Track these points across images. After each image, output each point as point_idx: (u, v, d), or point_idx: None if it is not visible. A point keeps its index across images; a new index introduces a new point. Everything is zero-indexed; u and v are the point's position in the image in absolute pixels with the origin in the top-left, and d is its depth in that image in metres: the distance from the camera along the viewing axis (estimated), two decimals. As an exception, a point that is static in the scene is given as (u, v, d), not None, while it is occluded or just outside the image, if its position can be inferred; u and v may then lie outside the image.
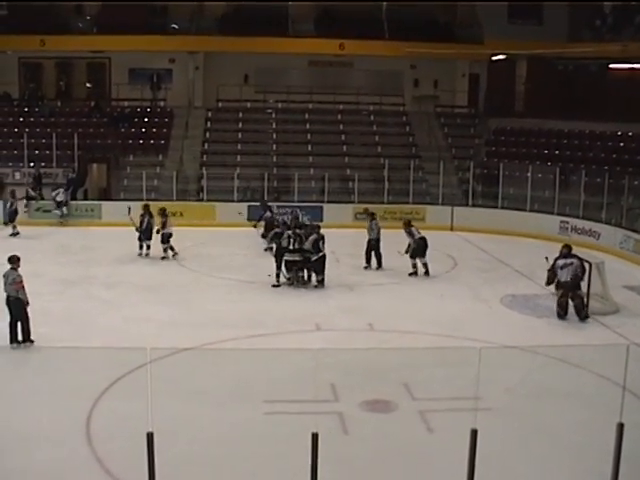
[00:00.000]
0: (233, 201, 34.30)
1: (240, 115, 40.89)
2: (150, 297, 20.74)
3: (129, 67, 42.89)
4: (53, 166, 36.19)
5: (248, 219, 32.72)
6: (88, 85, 45.55)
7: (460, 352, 14.06)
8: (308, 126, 40.28)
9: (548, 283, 19.47)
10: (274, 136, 39.63)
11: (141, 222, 26.01)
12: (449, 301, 20.62)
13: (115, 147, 37.77)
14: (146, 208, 26.54)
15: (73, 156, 36.49)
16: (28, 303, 16.00)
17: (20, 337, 15.89)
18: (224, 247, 27.86)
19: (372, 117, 41.16)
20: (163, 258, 25.13)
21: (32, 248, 26.12)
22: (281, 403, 12.81)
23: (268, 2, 39.77)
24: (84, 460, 10.82)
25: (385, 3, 41.25)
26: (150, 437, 8.43)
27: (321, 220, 32.38)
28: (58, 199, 32.31)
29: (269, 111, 41.33)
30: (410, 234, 24.35)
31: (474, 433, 8.63)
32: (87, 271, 23.12)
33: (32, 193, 33.18)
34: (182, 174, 36.24)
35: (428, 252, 24.07)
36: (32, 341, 15.92)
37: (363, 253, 25.11)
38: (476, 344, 14.92)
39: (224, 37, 39.94)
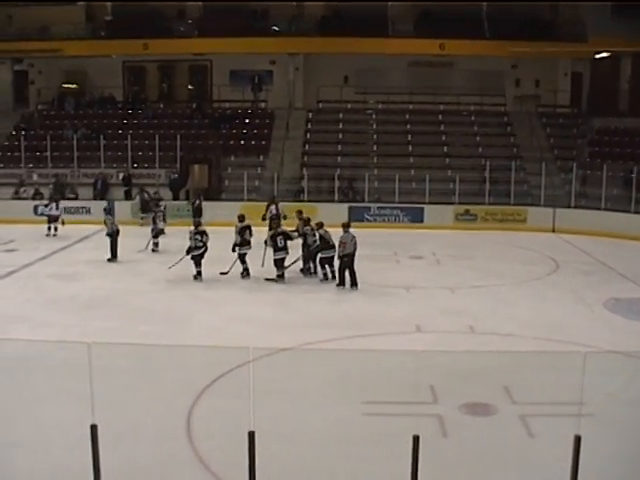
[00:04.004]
0: (334, 201, 34.42)
1: (340, 116, 41.00)
2: (249, 297, 20.93)
3: (230, 69, 43.48)
4: (156, 167, 36.85)
5: (349, 219, 32.85)
6: (190, 87, 46.33)
7: (562, 356, 13.84)
8: (408, 127, 40.16)
9: None
10: (374, 137, 39.66)
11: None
12: (550, 304, 20.31)
13: (216, 148, 38.23)
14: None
15: (175, 157, 37.14)
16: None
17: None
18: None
19: (473, 117, 40.85)
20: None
21: (133, 247, 26.58)
22: (380, 404, 12.77)
23: (368, 1, 39.73)
24: (185, 458, 10.93)
25: (485, 2, 40.87)
26: (251, 436, 8.49)
27: (422, 221, 32.44)
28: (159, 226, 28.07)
29: (369, 112, 41.34)
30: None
31: (577, 439, 8.47)
32: (188, 270, 23.39)
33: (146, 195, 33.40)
34: (283, 175, 36.47)
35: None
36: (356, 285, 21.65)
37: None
38: (578, 348, 14.71)
39: (324, 38, 40.06)
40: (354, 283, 21.94)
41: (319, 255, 22.91)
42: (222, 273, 22.94)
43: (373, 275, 23.48)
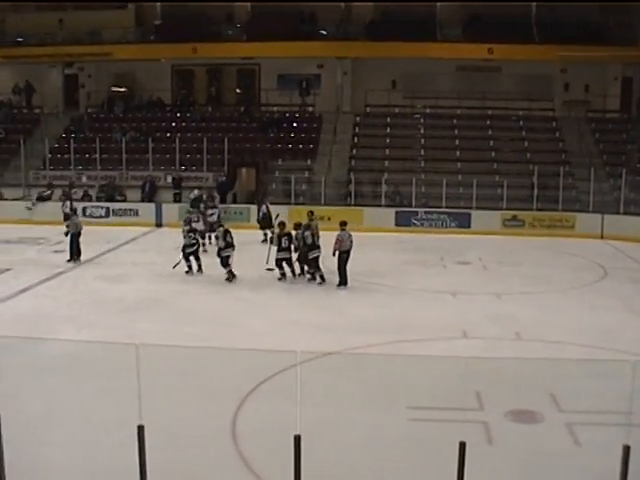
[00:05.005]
0: (381, 206, 34.39)
1: (388, 120, 41.01)
2: (296, 300, 20.96)
3: (278, 73, 43.67)
4: (203, 170, 37.07)
5: (396, 224, 32.96)
6: (238, 91, 46.57)
7: (610, 364, 13.68)
8: (456, 132, 40.05)
9: None
10: (422, 141, 39.57)
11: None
12: (598, 312, 20.09)
13: (264, 152, 38.43)
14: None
15: (223, 160, 37.35)
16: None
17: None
18: (371, 252, 27.91)
19: (521, 122, 40.62)
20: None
21: (179, 249, 26.74)
22: (426, 410, 12.71)
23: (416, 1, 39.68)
24: (230, 460, 10.93)
25: (535, 6, 40.59)
26: (297, 440, 8.48)
27: (469, 226, 32.29)
28: (211, 220, 28.73)
29: (417, 116, 41.32)
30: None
31: (626, 449, 8.35)
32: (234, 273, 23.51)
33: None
34: (330, 179, 36.51)
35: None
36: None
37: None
38: (626, 356, 14.54)
39: (372, 42, 40.16)
40: (345, 281, 22.45)
41: (311, 255, 23.07)
42: (228, 279, 23.06)
43: (420, 280, 23.48)
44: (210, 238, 28.14)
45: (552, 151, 38.43)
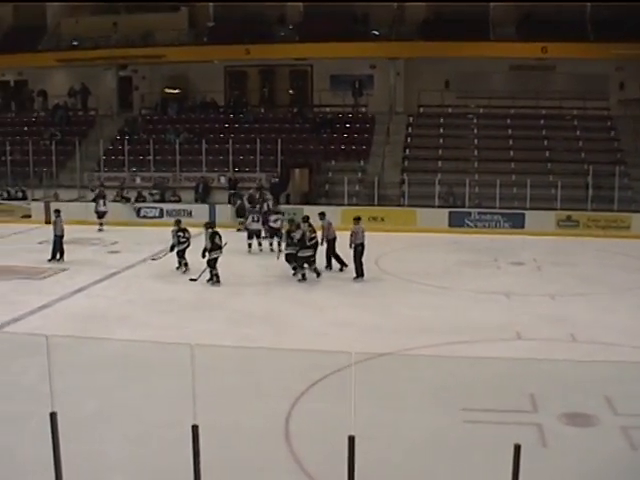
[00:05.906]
0: (434, 206, 34.27)
1: (441, 120, 40.86)
2: (349, 301, 20.91)
3: (331, 74, 43.72)
4: (257, 171, 37.22)
5: (449, 225, 32.83)
6: (291, 92, 46.64)
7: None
8: (510, 132, 39.77)
9: None
10: (475, 142, 39.37)
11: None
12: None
13: (317, 152, 38.48)
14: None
15: (276, 161, 37.45)
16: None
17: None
18: (424, 253, 27.88)
19: (575, 122, 40.18)
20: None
21: (235, 250, 26.78)
22: (480, 412, 12.63)
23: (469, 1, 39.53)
24: (283, 460, 10.96)
25: (589, 4, 40.15)
26: (351, 440, 8.48)
27: (522, 227, 32.04)
28: (275, 225, 27.97)
29: (470, 116, 41.09)
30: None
31: (683, 453, 8.27)
32: (287, 274, 23.55)
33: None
34: (383, 179, 36.44)
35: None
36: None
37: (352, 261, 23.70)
38: (684, 359, 14.36)
39: (425, 42, 40.05)
40: (362, 273, 23.28)
41: (300, 254, 23.44)
42: (192, 279, 23.02)
43: (473, 281, 23.36)
44: (272, 244, 28.01)
45: (607, 151, 37.98)
